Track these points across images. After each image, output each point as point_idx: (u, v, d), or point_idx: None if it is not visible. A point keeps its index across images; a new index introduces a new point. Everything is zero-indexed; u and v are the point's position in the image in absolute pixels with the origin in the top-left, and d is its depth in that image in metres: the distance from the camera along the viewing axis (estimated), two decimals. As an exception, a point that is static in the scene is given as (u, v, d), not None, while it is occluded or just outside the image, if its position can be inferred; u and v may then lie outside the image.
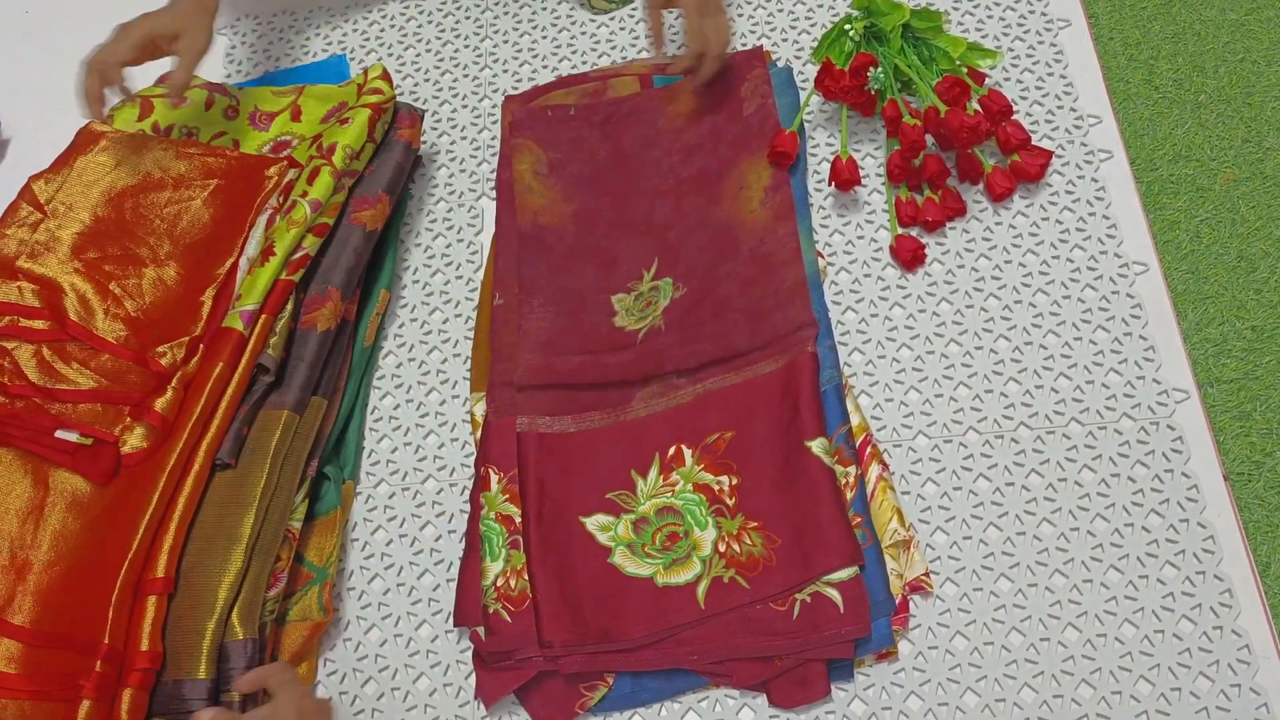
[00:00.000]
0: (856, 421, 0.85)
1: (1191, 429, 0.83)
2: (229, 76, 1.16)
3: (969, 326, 0.90)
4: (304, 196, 0.91)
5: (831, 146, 1.00)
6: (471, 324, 0.97)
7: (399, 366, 0.96)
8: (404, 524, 0.89)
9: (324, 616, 0.82)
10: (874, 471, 0.83)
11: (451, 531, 0.88)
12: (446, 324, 0.98)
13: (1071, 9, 1.05)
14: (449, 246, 1.02)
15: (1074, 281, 0.90)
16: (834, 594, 0.76)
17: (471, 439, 0.91)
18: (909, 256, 0.92)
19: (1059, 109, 0.99)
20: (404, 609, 0.85)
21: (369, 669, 0.83)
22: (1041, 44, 1.03)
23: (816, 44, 1.05)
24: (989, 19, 1.05)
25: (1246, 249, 1.54)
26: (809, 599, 0.77)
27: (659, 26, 0.98)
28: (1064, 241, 0.92)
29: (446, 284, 1.00)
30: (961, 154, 0.96)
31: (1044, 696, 0.75)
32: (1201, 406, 0.84)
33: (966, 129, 0.91)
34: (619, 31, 1.12)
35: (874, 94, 0.97)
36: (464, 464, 0.90)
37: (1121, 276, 0.90)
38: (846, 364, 0.89)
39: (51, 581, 0.79)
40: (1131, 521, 0.80)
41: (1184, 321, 1.48)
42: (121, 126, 1.02)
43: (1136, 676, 0.75)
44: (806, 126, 1.02)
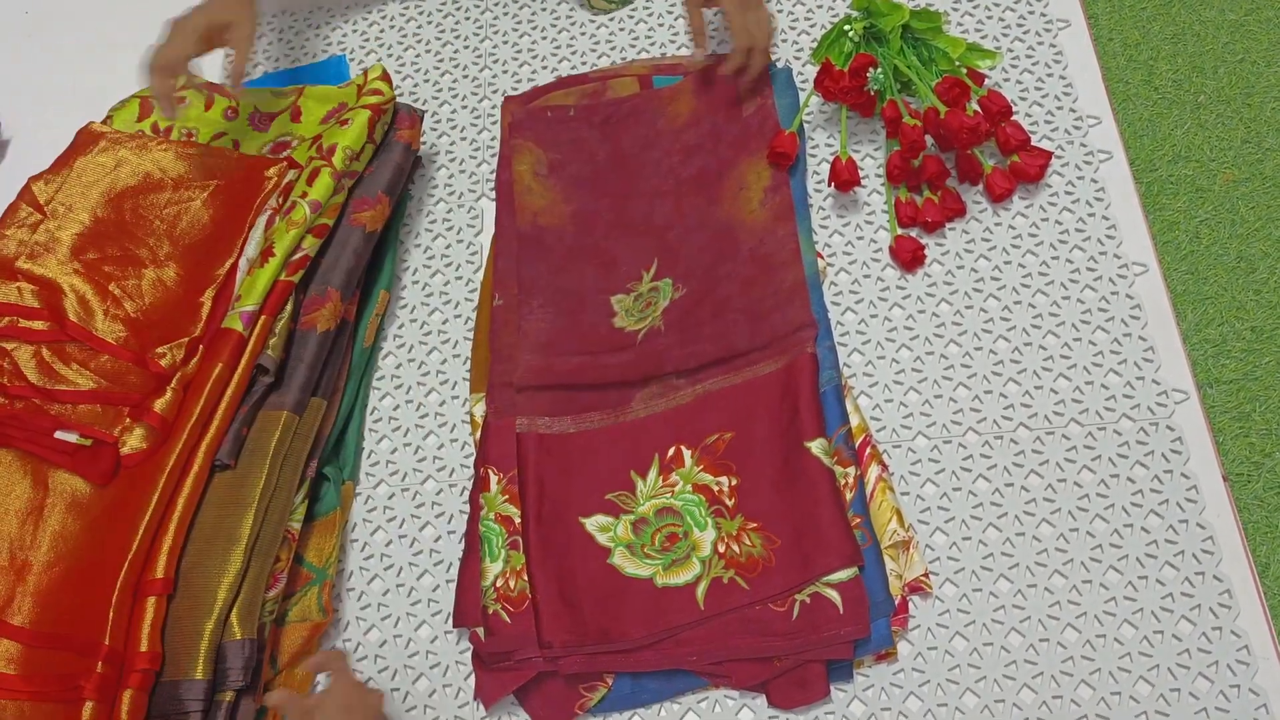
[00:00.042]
0: (856, 422, 0.85)
1: (1191, 430, 0.83)
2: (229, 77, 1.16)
3: (968, 327, 0.90)
4: (303, 197, 0.91)
5: (831, 147, 1.00)
6: (471, 325, 0.97)
7: (398, 367, 0.96)
8: (403, 525, 0.89)
9: (323, 617, 0.82)
10: (873, 472, 0.82)
11: (451, 532, 0.88)
12: (446, 325, 0.98)
13: (1071, 10, 1.05)
14: (448, 247, 1.02)
15: (1073, 282, 0.90)
16: (833, 595, 0.76)
17: (471, 440, 0.91)
18: (908, 257, 0.92)
19: (1058, 110, 0.99)
20: (403, 610, 0.85)
21: (368, 670, 0.83)
22: (1041, 45, 1.03)
23: (816, 45, 1.05)
24: (988, 20, 1.05)
25: (1246, 250, 1.54)
26: (808, 600, 0.77)
27: (701, 25, 0.98)
28: (1063, 242, 0.92)
29: (446, 285, 1.00)
30: (961, 155, 0.96)
31: (1043, 697, 0.75)
32: (1201, 407, 0.84)
33: (966, 130, 0.91)
34: (618, 32, 1.12)
35: (873, 95, 0.97)
36: (463, 465, 0.90)
37: (1121, 277, 0.90)
38: (846, 365, 0.89)
39: (51, 582, 0.79)
40: (1131, 522, 0.80)
41: (1183, 322, 1.48)
42: (121, 127, 1.02)
43: (1136, 677, 0.75)
44: (806, 127, 1.02)
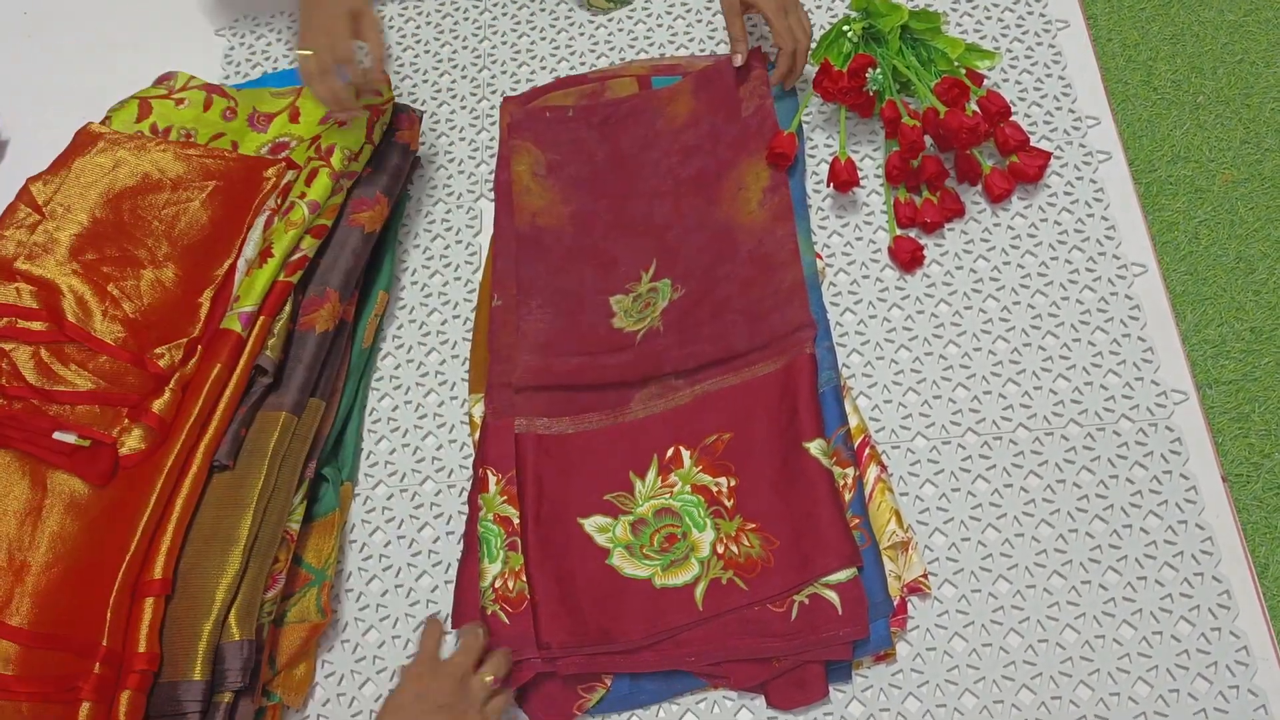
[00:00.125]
0: (855, 423, 0.85)
1: (1190, 430, 0.83)
2: (227, 78, 1.16)
3: (967, 328, 0.90)
4: (302, 198, 0.91)
5: (830, 148, 1.00)
6: (470, 325, 0.97)
7: (397, 368, 0.96)
8: (402, 525, 0.89)
9: (322, 618, 0.82)
10: (872, 473, 0.82)
11: (450, 533, 0.88)
12: (445, 325, 0.98)
13: (1070, 10, 1.05)
14: (447, 248, 1.02)
15: (1072, 283, 0.90)
16: (832, 595, 0.76)
17: (470, 440, 0.91)
18: (907, 258, 0.92)
19: (1057, 110, 0.99)
20: (402, 611, 0.85)
21: (367, 670, 0.83)
22: (1040, 45, 1.03)
23: (815, 45, 1.05)
24: (987, 20, 1.05)
25: (1245, 250, 1.54)
26: (807, 600, 0.77)
27: (741, 32, 0.99)
28: (1062, 243, 0.92)
29: (445, 285, 1.00)
30: (960, 155, 0.96)
31: (1042, 698, 0.75)
32: (1200, 408, 0.84)
33: (965, 130, 0.91)
34: (617, 33, 1.12)
35: (872, 95, 0.97)
36: (462, 465, 0.90)
37: (1120, 278, 0.90)
38: (845, 365, 0.89)
39: (49, 583, 0.79)
40: (1130, 523, 0.80)
41: (1182, 323, 1.48)
42: (120, 128, 1.02)
43: (1135, 678, 0.75)
44: (805, 127, 1.02)
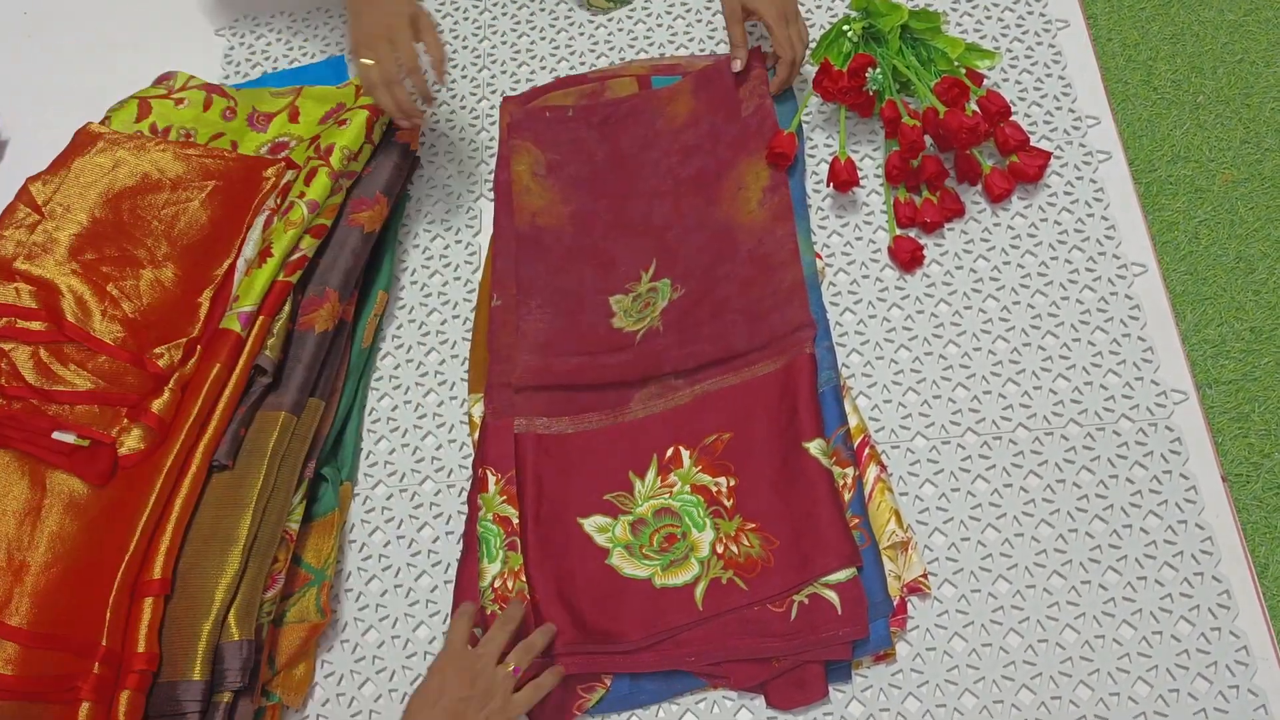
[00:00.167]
0: (854, 423, 0.85)
1: (1190, 430, 0.83)
2: (227, 78, 1.16)
3: (967, 328, 0.90)
4: (301, 198, 0.91)
5: (830, 147, 1.00)
6: (469, 325, 0.97)
7: (397, 368, 0.96)
8: (401, 525, 0.88)
9: (321, 618, 0.82)
10: (872, 473, 0.82)
11: (449, 533, 0.88)
12: (444, 325, 0.98)
13: (1070, 10, 1.05)
14: (447, 248, 1.02)
15: (1072, 283, 0.90)
16: (832, 595, 0.76)
17: (469, 440, 0.91)
18: (907, 257, 0.92)
19: (1057, 110, 0.99)
20: (401, 610, 0.85)
21: (366, 670, 0.83)
22: (1040, 45, 1.03)
23: (815, 45, 1.05)
24: (987, 20, 1.05)
25: (1245, 250, 1.54)
26: (807, 600, 0.77)
27: (741, 38, 1.00)
28: (1062, 243, 0.92)
29: (444, 285, 1.00)
30: (960, 155, 0.95)
31: (1042, 698, 0.75)
32: (1200, 408, 0.84)
33: (965, 130, 0.91)
34: (617, 32, 1.12)
35: (872, 95, 0.97)
36: (462, 465, 0.90)
37: (1120, 278, 0.90)
38: (845, 365, 0.89)
39: (49, 583, 0.79)
40: (1130, 523, 0.80)
41: (1182, 323, 1.48)
42: (119, 128, 1.02)
43: (1135, 678, 0.75)
44: (805, 127, 1.02)
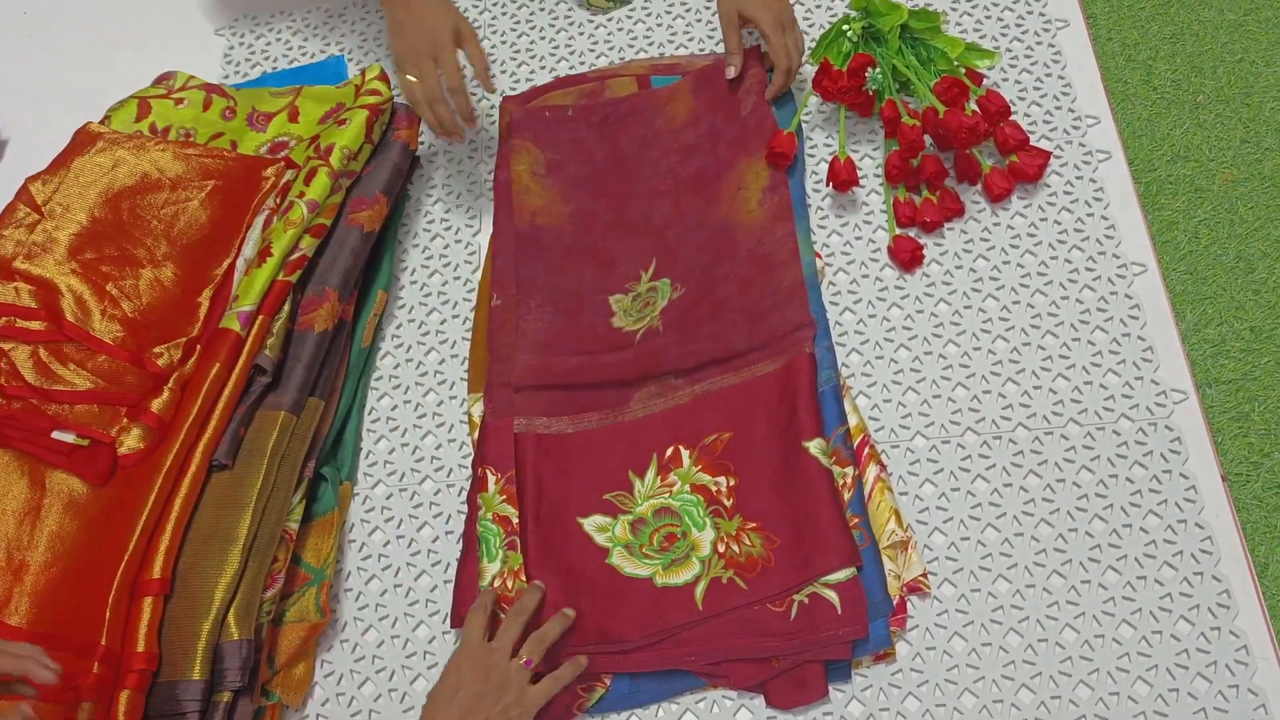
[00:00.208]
0: (854, 422, 0.85)
1: (1189, 430, 0.83)
2: (227, 77, 1.16)
3: (967, 327, 0.90)
4: (301, 197, 0.91)
5: (830, 147, 1.00)
6: (469, 325, 0.97)
7: (396, 367, 0.96)
8: (401, 525, 0.88)
9: (321, 618, 0.82)
10: (871, 472, 0.82)
11: (449, 532, 0.87)
12: (444, 325, 0.98)
13: (1069, 9, 1.05)
14: (446, 247, 1.02)
15: (1072, 282, 0.90)
16: (831, 595, 0.76)
17: (469, 440, 0.91)
18: (907, 257, 0.92)
19: (1057, 109, 0.99)
20: (401, 610, 0.85)
21: (366, 670, 0.83)
22: (1040, 44, 1.03)
23: (814, 44, 1.05)
24: (987, 19, 1.05)
25: (1245, 249, 1.54)
26: (807, 600, 0.77)
27: (737, 45, 1.00)
28: (1062, 242, 0.92)
29: (444, 285, 1.00)
30: (960, 154, 0.95)
31: (1042, 698, 0.75)
32: (1200, 407, 0.84)
33: (965, 129, 0.91)
34: (617, 32, 1.12)
35: (872, 94, 0.97)
36: (461, 465, 0.90)
37: (1120, 277, 0.90)
38: (844, 365, 0.89)
39: (48, 583, 0.79)
40: (1129, 522, 0.80)
41: (1182, 322, 1.48)
42: (119, 127, 1.02)
43: (1134, 678, 0.75)
44: (804, 127, 1.02)
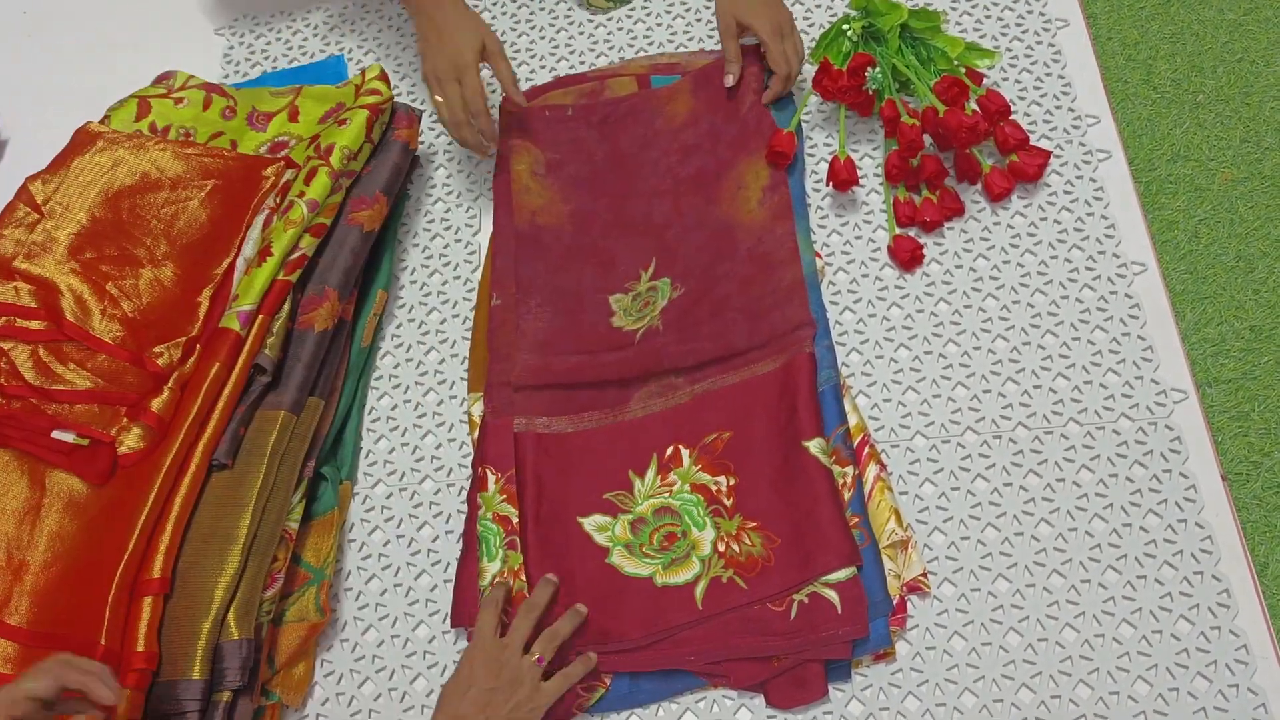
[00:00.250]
0: (854, 422, 0.85)
1: (1189, 429, 0.83)
2: (227, 77, 1.16)
3: (967, 327, 0.90)
4: (301, 197, 0.91)
5: (829, 146, 1.00)
6: (469, 324, 0.97)
7: (396, 367, 0.96)
8: (401, 524, 0.88)
9: (321, 617, 0.82)
10: (871, 472, 0.82)
11: (449, 532, 0.87)
12: (444, 324, 0.98)
13: (1069, 9, 1.05)
14: (446, 247, 1.02)
15: (1072, 281, 0.90)
16: (832, 594, 0.76)
17: (469, 439, 0.91)
18: (907, 257, 0.92)
19: (1057, 109, 0.99)
20: (401, 610, 0.85)
21: (366, 670, 0.83)
22: (1040, 44, 1.03)
23: (814, 44, 1.05)
24: (987, 19, 1.05)
25: (1245, 249, 1.54)
26: (807, 599, 0.77)
27: (736, 53, 1.00)
28: (1062, 241, 0.92)
29: (444, 284, 1.00)
30: (960, 154, 0.95)
31: (1042, 697, 0.75)
32: (1200, 407, 0.84)
33: (965, 129, 0.91)
34: (616, 32, 1.12)
35: (872, 94, 0.97)
36: (461, 464, 0.90)
37: (1120, 276, 0.90)
38: (844, 364, 0.89)
39: (48, 582, 0.79)
40: (1129, 522, 0.80)
41: (1182, 322, 1.48)
42: (119, 127, 1.02)
43: (1134, 677, 0.75)
44: (804, 126, 1.02)
